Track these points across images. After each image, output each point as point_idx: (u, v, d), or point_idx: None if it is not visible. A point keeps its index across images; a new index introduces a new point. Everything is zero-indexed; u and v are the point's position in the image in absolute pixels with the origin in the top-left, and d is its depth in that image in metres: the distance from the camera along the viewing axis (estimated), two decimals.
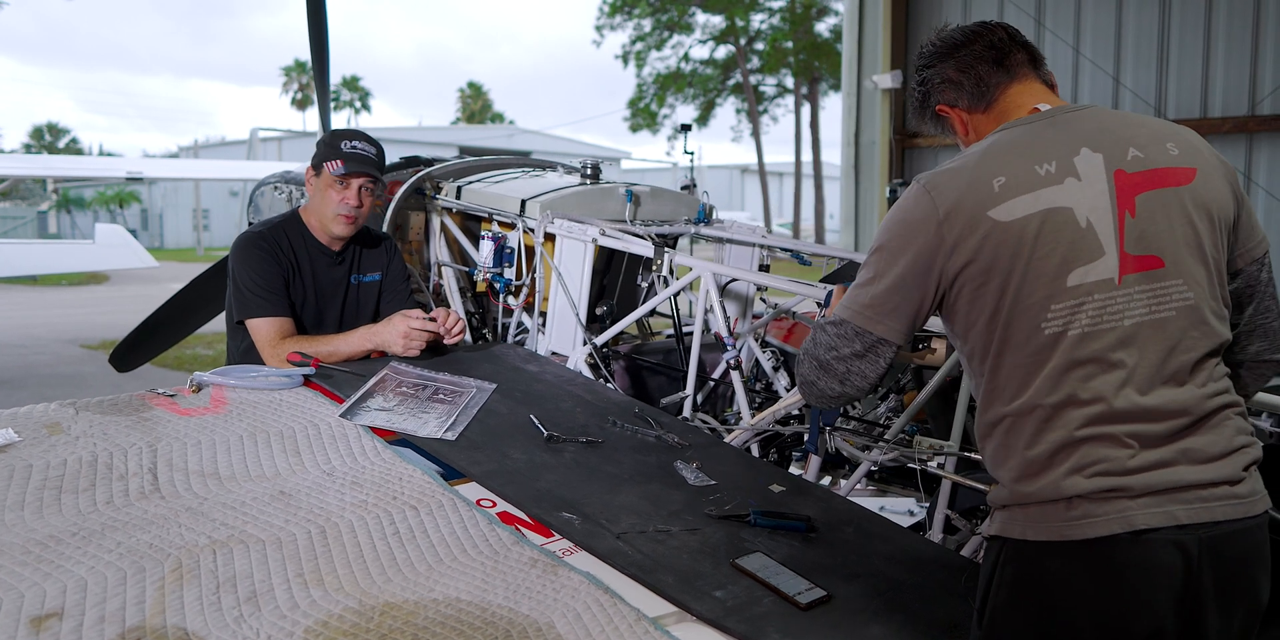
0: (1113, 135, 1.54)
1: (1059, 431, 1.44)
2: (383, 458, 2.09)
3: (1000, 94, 1.67)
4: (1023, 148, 1.53)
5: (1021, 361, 1.47)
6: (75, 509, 1.74)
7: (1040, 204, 1.46)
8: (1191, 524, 1.40)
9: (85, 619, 1.43)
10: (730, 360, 2.79)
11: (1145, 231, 1.47)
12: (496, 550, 1.80)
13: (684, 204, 3.62)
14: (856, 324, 1.57)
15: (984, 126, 1.70)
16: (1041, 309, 1.45)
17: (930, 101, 1.76)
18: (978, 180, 1.49)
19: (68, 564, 1.56)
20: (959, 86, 1.70)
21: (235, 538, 1.70)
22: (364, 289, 3.03)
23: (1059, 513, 1.43)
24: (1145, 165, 1.51)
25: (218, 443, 2.05)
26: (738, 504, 2.15)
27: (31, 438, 1.95)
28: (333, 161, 2.85)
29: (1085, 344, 1.44)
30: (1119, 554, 1.40)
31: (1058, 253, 1.45)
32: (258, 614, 1.51)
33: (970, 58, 1.69)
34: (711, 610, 1.69)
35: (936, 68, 1.73)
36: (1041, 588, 1.45)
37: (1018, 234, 1.45)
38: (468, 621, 1.56)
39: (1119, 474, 1.41)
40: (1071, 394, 1.44)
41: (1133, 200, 1.48)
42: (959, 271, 1.49)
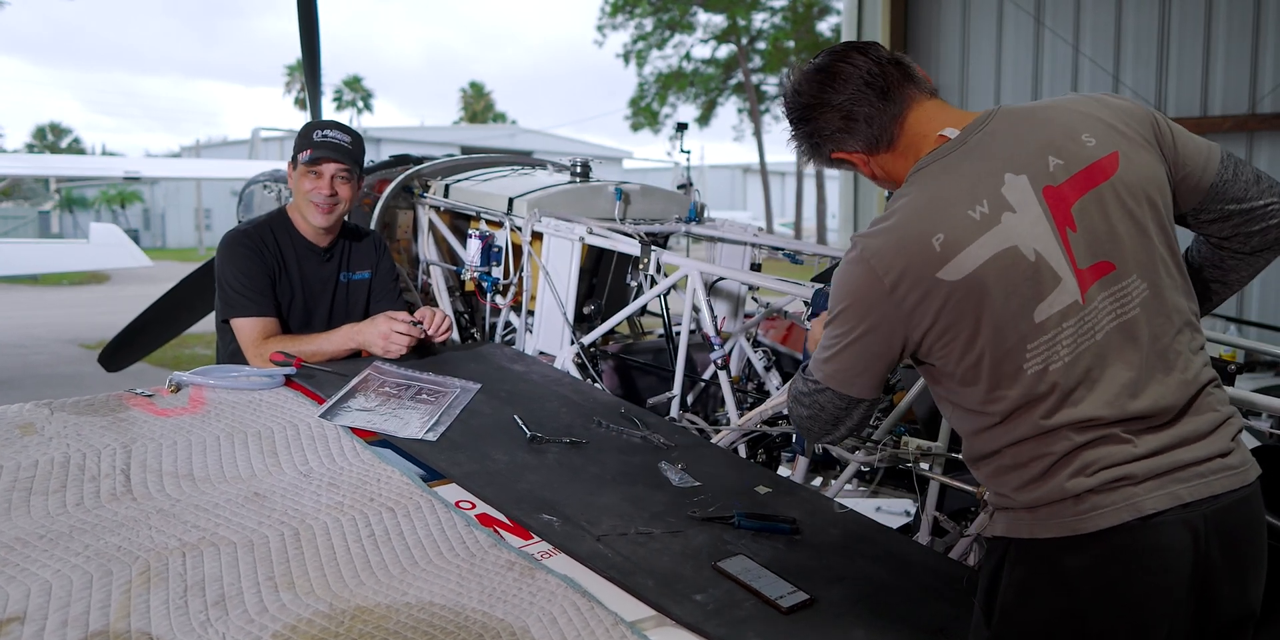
0: (1029, 147, 1.49)
1: (1058, 444, 1.44)
2: (361, 459, 2.07)
3: (899, 130, 1.59)
4: (949, 195, 1.47)
5: (1011, 404, 1.46)
6: (44, 511, 1.71)
7: (987, 251, 1.43)
8: (1194, 501, 1.41)
9: (48, 623, 1.40)
10: (717, 360, 2.76)
11: (1090, 240, 1.45)
12: (473, 553, 1.77)
13: (675, 202, 3.59)
14: (831, 387, 1.59)
15: (892, 164, 1.62)
16: (1019, 351, 1.43)
17: (823, 150, 1.66)
18: (916, 243, 1.44)
19: (33, 567, 1.53)
20: (851, 133, 1.60)
21: (206, 540, 1.68)
22: (353, 287, 2.99)
23: (1067, 509, 1.43)
24: (1069, 171, 1.47)
25: (193, 443, 2.02)
26: (722, 506, 2.12)
27: (3, 438, 1.93)
28: (304, 151, 2.80)
29: (1070, 371, 1.43)
30: (1131, 541, 1.40)
31: (1018, 294, 1.43)
32: (225, 618, 1.48)
33: (850, 102, 1.58)
34: (691, 614, 1.67)
35: (816, 121, 1.62)
36: (1055, 584, 1.44)
37: (975, 287, 1.43)
38: (440, 626, 1.53)
39: (1122, 464, 1.42)
40: (1066, 420, 1.43)
41: (1069, 214, 1.46)
42: (924, 334, 1.48)
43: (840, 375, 1.57)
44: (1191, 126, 6.24)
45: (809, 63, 1.66)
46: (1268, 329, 5.27)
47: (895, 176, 1.63)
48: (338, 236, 2.97)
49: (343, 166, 2.81)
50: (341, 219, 2.93)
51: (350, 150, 2.85)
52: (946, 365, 1.50)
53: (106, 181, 33.35)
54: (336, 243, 2.96)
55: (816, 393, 1.61)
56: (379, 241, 3.10)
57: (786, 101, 1.67)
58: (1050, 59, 8.33)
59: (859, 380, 1.56)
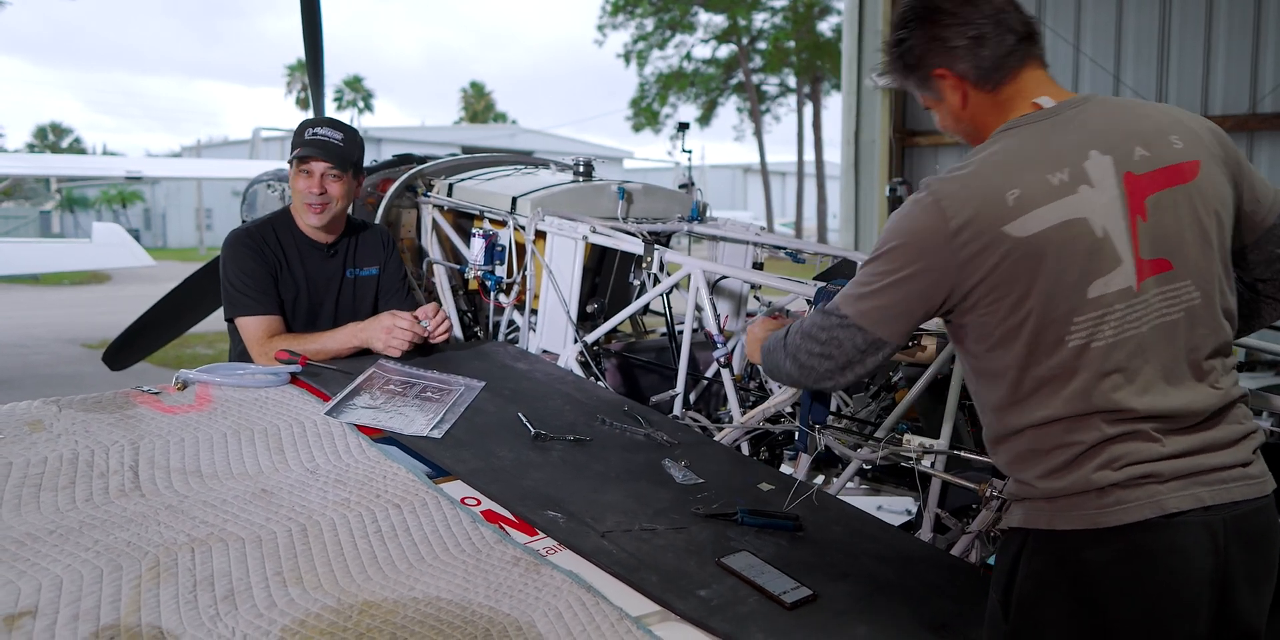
0: (1119, 132, 1.50)
1: (1088, 434, 1.45)
2: (367, 456, 2.08)
3: (1011, 79, 1.57)
4: (1033, 155, 1.48)
5: (1045, 374, 1.46)
6: (54, 507, 1.73)
7: (1056, 216, 1.43)
8: (1215, 505, 1.42)
9: (59, 617, 1.42)
10: (720, 358, 2.77)
11: (1156, 235, 1.46)
12: (479, 548, 1.78)
13: (677, 202, 3.61)
14: (859, 324, 1.55)
15: (985, 109, 1.59)
16: (1065, 322, 1.44)
17: (929, 62, 1.58)
18: (991, 193, 1.45)
19: (44, 562, 1.55)
20: (973, 55, 1.55)
21: (214, 536, 1.69)
22: (360, 283, 2.99)
23: (1090, 501, 1.44)
24: (1152, 165, 1.48)
25: (200, 440, 2.04)
26: (725, 502, 2.14)
27: (13, 435, 1.94)
28: (296, 149, 2.80)
29: (1111, 354, 1.44)
30: (1152, 538, 1.41)
31: (1077, 265, 1.43)
32: (234, 613, 1.49)
33: (989, 28, 1.53)
34: (695, 609, 1.68)
35: (941, 28, 1.55)
36: (1074, 577, 1.45)
37: (1036, 249, 1.43)
38: (447, 620, 1.55)
39: (1149, 461, 1.43)
40: (1099, 403, 1.44)
41: (1143, 204, 1.46)
42: (973, 287, 1.46)
43: (875, 314, 1.53)
44: None
45: None
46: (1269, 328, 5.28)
47: (979, 122, 1.61)
48: (343, 233, 2.97)
49: (330, 165, 2.78)
50: (340, 217, 2.92)
51: (340, 148, 2.82)
52: (986, 325, 1.49)
53: (108, 181, 33.38)
54: (341, 239, 2.96)
55: (838, 328, 1.57)
56: (387, 238, 3.10)
57: (914, 3, 1.61)
58: (1051, 59, 8.22)
59: (893, 323, 1.53)
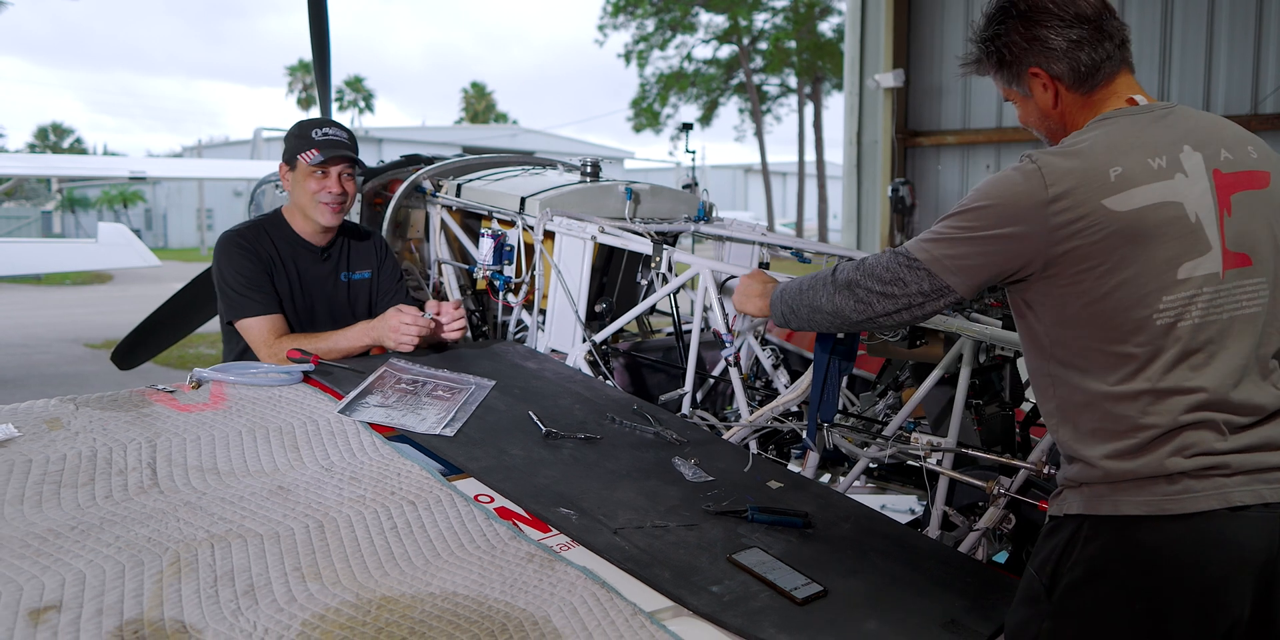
0: (1206, 135, 1.57)
1: (1165, 416, 1.47)
2: (381, 453, 2.10)
3: (1105, 83, 1.62)
4: (1134, 140, 1.53)
5: (1130, 349, 1.49)
6: (74, 503, 1.75)
7: (1154, 197, 1.48)
8: (1273, 503, 1.45)
9: (83, 611, 1.44)
10: (729, 357, 2.79)
11: (1239, 230, 1.52)
12: (494, 545, 1.80)
13: (684, 202, 3.62)
14: (930, 268, 1.58)
15: (1076, 108, 1.64)
16: (1154, 299, 1.47)
17: (1025, 61, 1.63)
18: (1094, 168, 1.49)
19: (66, 557, 1.57)
20: (1071, 59, 1.59)
21: (233, 532, 1.71)
22: (354, 286, 3.00)
23: (1159, 487, 1.46)
24: (1236, 167, 1.55)
25: (216, 438, 2.06)
26: (735, 500, 2.16)
27: (31, 433, 1.96)
28: (307, 152, 2.80)
29: (1196, 335, 1.48)
30: (1216, 529, 1.44)
31: (1171, 246, 1.48)
32: (255, 607, 1.51)
33: (1089, 32, 1.58)
34: (708, 605, 1.70)
35: (1044, 28, 1.59)
36: (1132, 562, 1.47)
37: (1132, 224, 1.47)
38: (464, 615, 1.57)
39: (1219, 453, 1.46)
40: (1179, 382, 1.48)
41: (1229, 199, 1.53)
42: (1060, 255, 1.49)
43: (949, 262, 1.56)
44: None
45: None
46: None
47: (1068, 120, 1.65)
48: (336, 235, 2.97)
49: (347, 164, 2.84)
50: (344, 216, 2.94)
51: (350, 147, 2.87)
52: (1067, 296, 1.51)
53: (112, 181, 33.41)
54: (335, 241, 2.97)
55: (906, 269, 1.60)
56: (380, 242, 3.11)
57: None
58: None
59: (966, 274, 1.56)
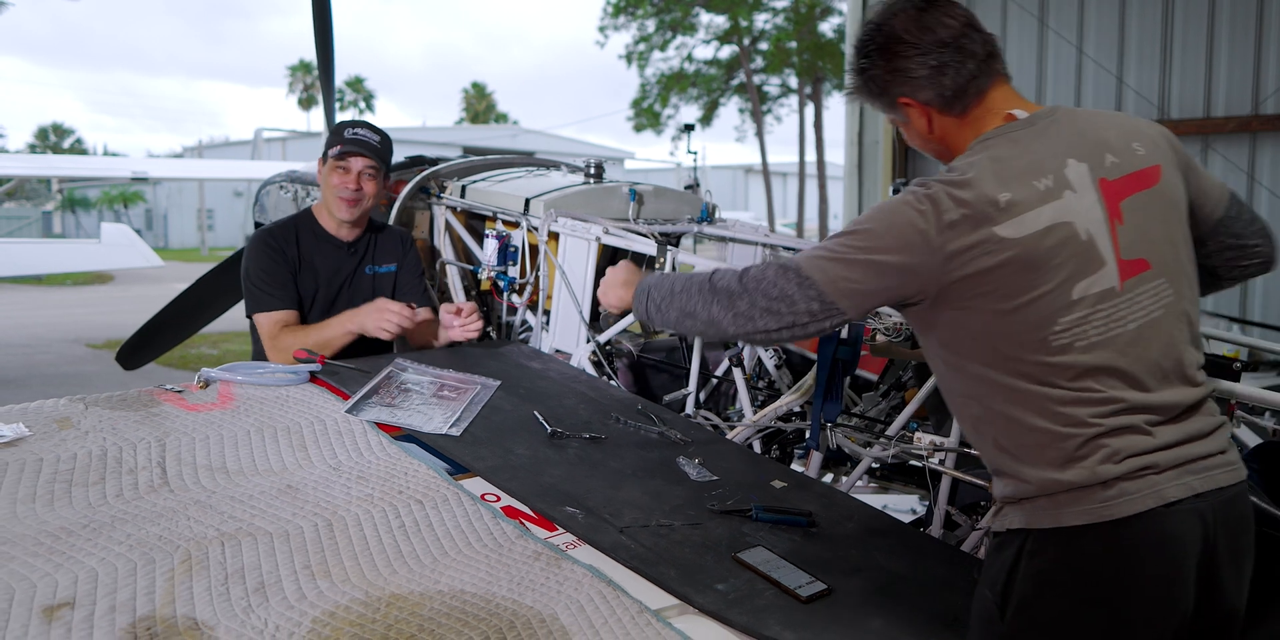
0: (1090, 141, 1.56)
1: (1085, 428, 1.48)
2: (388, 453, 2.11)
3: (977, 101, 1.61)
4: (1019, 162, 1.52)
5: (1030, 369, 1.49)
6: (85, 502, 1.76)
7: (1045, 220, 1.47)
8: (1204, 492, 1.47)
9: (96, 608, 1.45)
10: (732, 357, 2.81)
11: (1133, 237, 1.52)
12: (501, 543, 1.82)
13: (687, 203, 3.64)
14: (826, 291, 1.53)
15: (954, 130, 1.64)
16: (1050, 322, 1.47)
17: (892, 92, 1.63)
18: (984, 195, 1.48)
19: (79, 555, 1.58)
20: (935, 84, 1.59)
21: (243, 530, 1.73)
22: (379, 280, 3.11)
23: (1095, 494, 1.47)
24: (1122, 171, 1.54)
25: (225, 438, 2.07)
26: (740, 499, 2.17)
27: (42, 432, 1.98)
28: (335, 146, 2.95)
29: (1095, 353, 1.48)
30: (1152, 528, 1.45)
31: (1065, 267, 1.47)
32: (266, 604, 1.53)
33: (950, 56, 1.57)
34: (713, 603, 1.71)
35: (902, 60, 1.59)
36: (1078, 572, 1.48)
37: (1026, 250, 1.46)
38: (472, 613, 1.58)
39: (1146, 453, 1.47)
40: (1088, 397, 1.48)
41: (1118, 207, 1.52)
42: (956, 282, 1.49)
43: (844, 284, 1.52)
44: (1194, 128, 6.30)
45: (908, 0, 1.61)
46: (1270, 329, 5.32)
47: (949, 141, 1.65)
48: (364, 231, 3.10)
49: (370, 162, 2.96)
50: (366, 214, 3.06)
51: (378, 148, 3.01)
52: (968, 323, 1.52)
53: (114, 181, 33.44)
54: (362, 237, 3.09)
55: (798, 287, 1.54)
56: (406, 238, 3.22)
57: (872, 31, 1.63)
58: (1054, 61, 8.38)
59: (858, 298, 1.53)
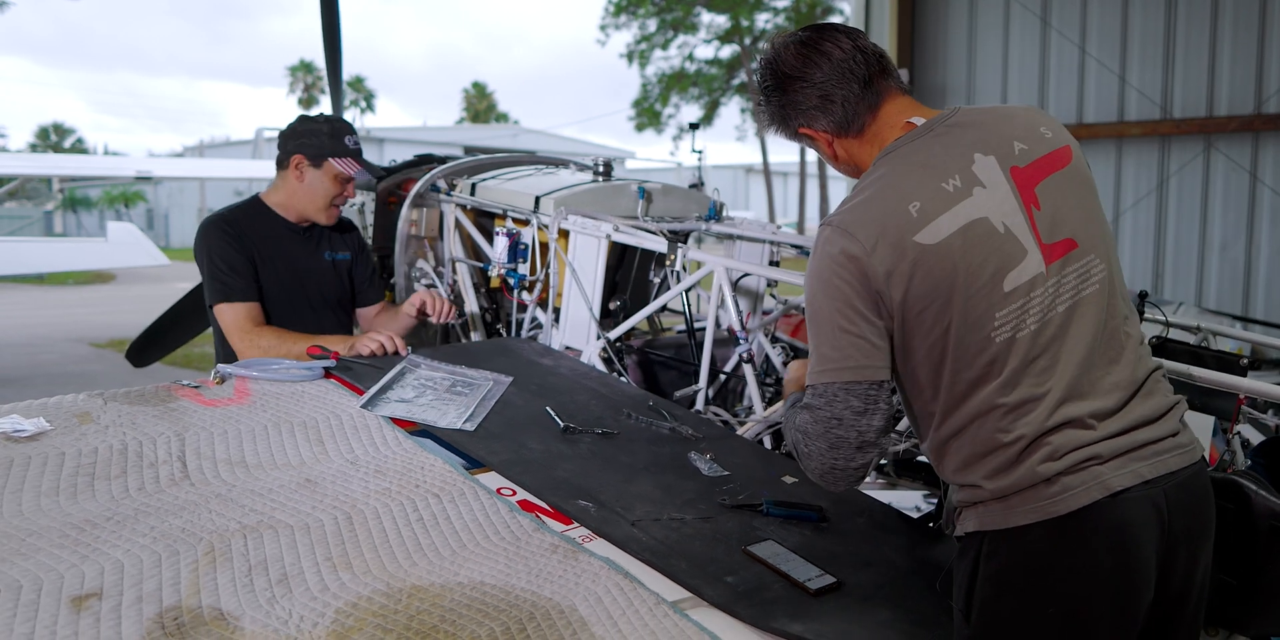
0: (994, 134, 1.59)
1: (1027, 427, 1.49)
2: (404, 447, 2.14)
3: (871, 118, 1.65)
4: (922, 168, 1.55)
5: (977, 373, 1.51)
6: (108, 495, 1.78)
7: (960, 220, 1.50)
8: (1154, 478, 1.48)
9: (124, 599, 1.47)
10: (743, 353, 2.83)
11: (1053, 219, 1.54)
12: (518, 536, 1.84)
13: (694, 201, 3.66)
14: (840, 381, 1.54)
15: (856, 149, 1.69)
16: (988, 319, 1.49)
17: (791, 124, 1.70)
18: (893, 209, 1.51)
19: (104, 547, 1.60)
20: (824, 112, 1.65)
21: (264, 523, 1.75)
22: (338, 266, 3.16)
23: (1040, 493, 1.48)
24: (1031, 156, 1.57)
25: (243, 432, 2.09)
26: (750, 494, 2.19)
27: (63, 426, 2.00)
28: (343, 160, 2.95)
29: (1037, 340, 1.50)
30: (1102, 519, 1.46)
31: (990, 263, 1.49)
32: (290, 596, 1.55)
33: (830, 83, 1.63)
34: (724, 595, 1.73)
35: (792, 94, 1.66)
36: (1032, 570, 1.49)
37: (947, 253, 1.49)
38: (492, 604, 1.60)
39: (1087, 445, 1.48)
40: (1030, 392, 1.49)
41: (1033, 193, 1.55)
42: (901, 302, 1.51)
43: (845, 363, 1.53)
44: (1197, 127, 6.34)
45: (793, 35, 1.69)
46: (1272, 326, 5.34)
47: (856, 160, 1.70)
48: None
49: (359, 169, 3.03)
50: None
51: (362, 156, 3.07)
52: (912, 338, 1.53)
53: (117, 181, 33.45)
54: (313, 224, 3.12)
55: (829, 404, 1.55)
56: (359, 234, 3.30)
57: (764, 69, 1.71)
58: (1056, 60, 8.40)
59: (866, 361, 1.53)
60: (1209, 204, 7.96)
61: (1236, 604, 1.72)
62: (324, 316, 3.08)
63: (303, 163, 2.97)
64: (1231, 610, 1.73)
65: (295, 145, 2.98)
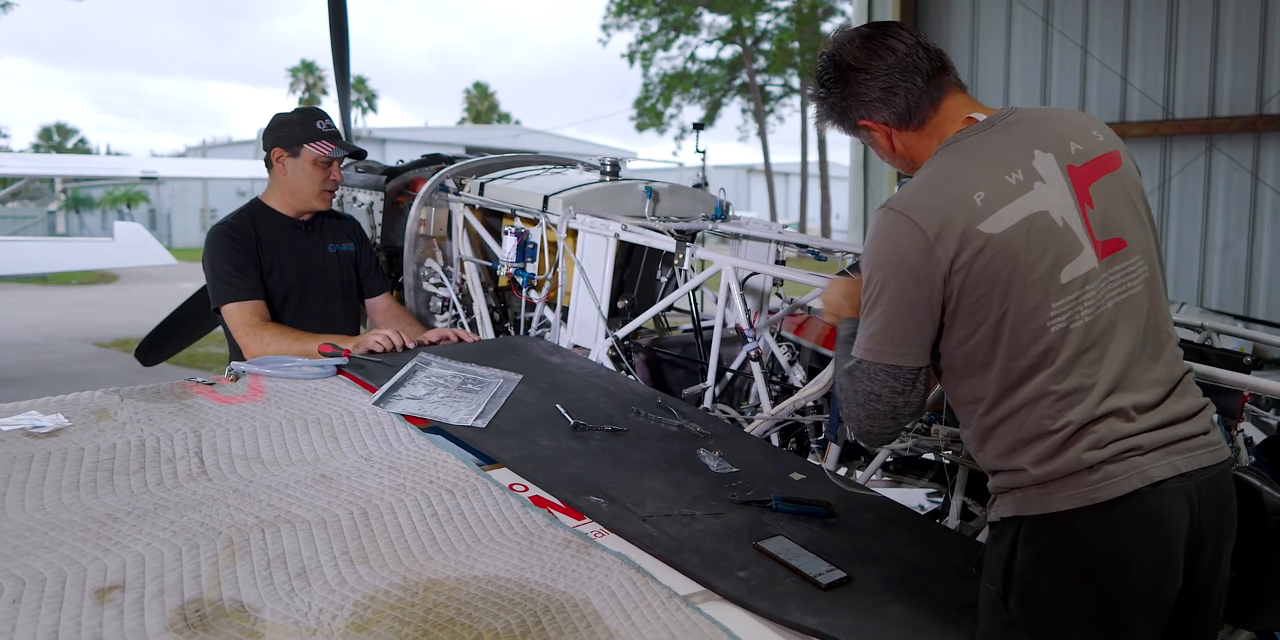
0: (1052, 133, 1.63)
1: (1074, 415, 1.53)
2: (417, 444, 2.16)
3: (932, 112, 1.69)
4: (985, 160, 1.59)
5: (1031, 360, 1.55)
6: (128, 489, 1.81)
7: (1022, 212, 1.54)
8: (1189, 471, 1.53)
9: (146, 591, 1.50)
10: (751, 351, 2.85)
11: (1105, 218, 1.59)
12: (531, 531, 1.86)
13: (701, 201, 3.68)
14: (882, 363, 1.61)
15: (915, 142, 1.72)
16: (1044, 308, 1.53)
17: (851, 116, 1.73)
18: (959, 198, 1.54)
19: (125, 541, 1.63)
20: (889, 105, 1.68)
21: (282, 518, 1.77)
22: (342, 257, 3.23)
23: (1082, 479, 1.53)
24: (1086, 157, 1.62)
25: (258, 429, 2.12)
26: (759, 490, 2.21)
27: (81, 423, 2.02)
28: (317, 143, 3.03)
29: (1090, 332, 1.54)
30: (1143, 507, 1.51)
31: (1049, 255, 1.53)
32: (308, 589, 1.57)
33: (894, 76, 1.66)
34: (735, 589, 1.75)
35: (854, 86, 1.69)
36: (1072, 555, 1.53)
37: (1009, 243, 1.53)
38: (507, 597, 1.62)
39: (1129, 436, 1.53)
40: (1080, 382, 1.54)
41: (1088, 191, 1.59)
42: (959, 288, 1.55)
43: (889, 347, 1.60)
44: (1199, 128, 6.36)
45: (855, 30, 1.73)
46: (1274, 327, 5.36)
47: (914, 154, 1.73)
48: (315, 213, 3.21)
49: (341, 152, 3.07)
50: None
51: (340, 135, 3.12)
52: (969, 324, 1.57)
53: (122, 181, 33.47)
54: (316, 217, 3.20)
55: (865, 379, 1.63)
56: (356, 224, 3.36)
57: (825, 62, 1.73)
58: (1059, 60, 8.42)
59: (907, 348, 1.60)
60: (1211, 204, 7.98)
61: (1242, 599, 1.74)
62: (334, 307, 3.17)
63: (282, 155, 3.07)
64: (1237, 606, 1.75)
65: (272, 141, 3.08)
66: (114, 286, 21.19)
